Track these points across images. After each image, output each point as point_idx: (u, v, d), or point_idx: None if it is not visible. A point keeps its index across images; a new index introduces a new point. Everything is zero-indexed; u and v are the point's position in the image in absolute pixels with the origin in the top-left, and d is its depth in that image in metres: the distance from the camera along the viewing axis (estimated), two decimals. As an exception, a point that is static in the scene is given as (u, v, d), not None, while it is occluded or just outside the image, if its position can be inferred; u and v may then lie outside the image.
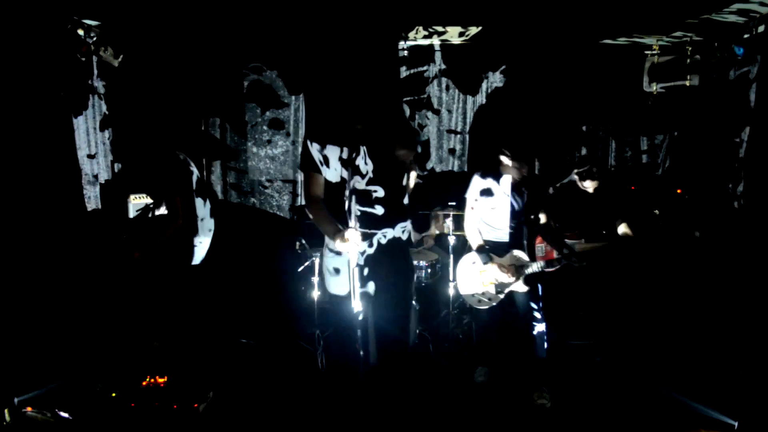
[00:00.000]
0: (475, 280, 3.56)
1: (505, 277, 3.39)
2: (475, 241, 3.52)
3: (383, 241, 2.61)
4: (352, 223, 2.35)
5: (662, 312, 4.32)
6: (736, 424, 2.96)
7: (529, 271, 3.39)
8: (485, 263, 3.45)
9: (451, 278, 4.36)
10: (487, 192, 3.48)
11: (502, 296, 3.48)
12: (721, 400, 3.17)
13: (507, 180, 3.45)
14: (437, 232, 4.66)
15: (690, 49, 4.78)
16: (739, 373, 3.48)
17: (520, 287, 3.43)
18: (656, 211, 4.11)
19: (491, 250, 3.47)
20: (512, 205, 3.46)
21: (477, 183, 3.52)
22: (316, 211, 2.56)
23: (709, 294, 4.23)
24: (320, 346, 3.86)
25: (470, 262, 3.60)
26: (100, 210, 4.61)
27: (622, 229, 3.64)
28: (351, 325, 2.48)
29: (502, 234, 3.49)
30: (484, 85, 5.22)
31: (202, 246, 3.58)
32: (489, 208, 3.49)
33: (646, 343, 4.11)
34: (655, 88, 4.98)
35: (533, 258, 3.60)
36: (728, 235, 4.40)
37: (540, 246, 3.72)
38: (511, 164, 3.38)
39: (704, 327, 4.08)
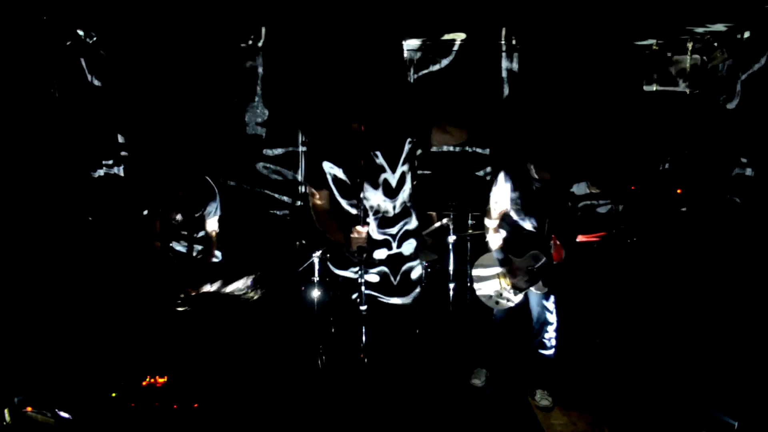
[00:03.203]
0: (492, 281, 3.49)
1: (522, 279, 3.34)
2: (494, 241, 3.43)
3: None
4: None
5: (663, 311, 4.32)
6: (736, 424, 2.96)
7: (538, 268, 3.32)
8: (503, 265, 3.40)
9: (451, 278, 4.36)
10: (510, 190, 3.35)
11: (520, 297, 3.41)
12: (721, 400, 3.17)
13: (531, 180, 3.33)
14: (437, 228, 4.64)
15: (690, 49, 4.79)
16: (739, 373, 3.48)
17: (539, 288, 3.35)
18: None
19: (510, 251, 3.40)
20: (534, 205, 3.34)
21: (502, 181, 3.38)
22: (328, 225, 2.56)
23: (710, 293, 4.22)
24: (320, 346, 3.86)
25: (487, 262, 3.52)
26: (101, 210, 4.60)
27: None
28: (351, 326, 2.48)
29: (524, 233, 3.40)
30: (484, 85, 5.22)
31: None
32: (512, 207, 3.38)
33: (647, 342, 4.12)
34: (654, 87, 4.99)
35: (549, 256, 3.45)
36: (728, 234, 4.39)
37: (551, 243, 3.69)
38: (536, 170, 3.27)
39: (705, 326, 4.08)
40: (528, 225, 3.37)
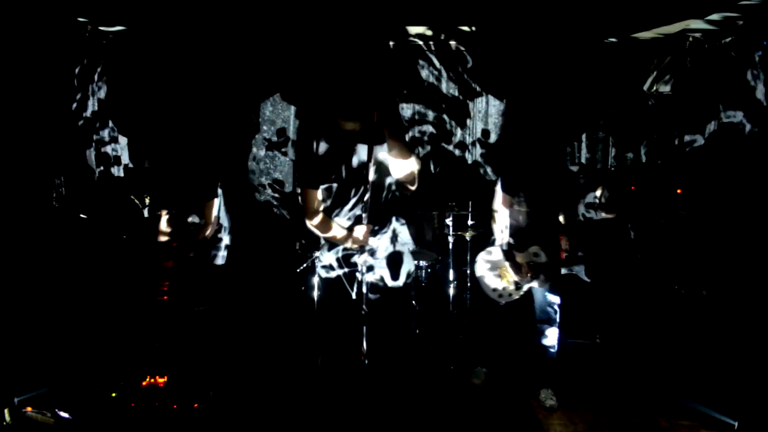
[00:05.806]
0: (495, 276, 3.55)
1: (524, 274, 3.40)
2: (500, 238, 3.52)
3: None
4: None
5: (663, 311, 4.32)
6: (736, 424, 2.96)
7: (539, 263, 3.37)
8: (506, 260, 3.46)
9: (451, 278, 4.36)
10: (512, 190, 3.45)
11: (522, 292, 3.47)
12: (721, 400, 3.17)
13: (531, 180, 3.42)
14: (437, 232, 4.65)
15: (690, 49, 4.78)
16: (739, 373, 3.48)
17: (542, 283, 3.40)
18: (682, 212, 4.15)
19: (514, 246, 3.45)
20: (536, 202, 3.41)
21: (504, 181, 3.50)
22: (322, 224, 2.57)
23: (709, 294, 4.22)
24: (320, 345, 3.85)
25: (490, 257, 3.58)
26: (101, 210, 4.60)
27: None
28: (350, 326, 2.48)
29: (526, 229, 3.45)
30: (484, 85, 5.22)
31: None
32: (515, 203, 3.46)
33: (647, 343, 4.12)
34: (655, 87, 4.99)
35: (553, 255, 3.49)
36: (728, 234, 4.39)
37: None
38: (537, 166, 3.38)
39: (705, 327, 4.08)
40: (530, 220, 3.42)
